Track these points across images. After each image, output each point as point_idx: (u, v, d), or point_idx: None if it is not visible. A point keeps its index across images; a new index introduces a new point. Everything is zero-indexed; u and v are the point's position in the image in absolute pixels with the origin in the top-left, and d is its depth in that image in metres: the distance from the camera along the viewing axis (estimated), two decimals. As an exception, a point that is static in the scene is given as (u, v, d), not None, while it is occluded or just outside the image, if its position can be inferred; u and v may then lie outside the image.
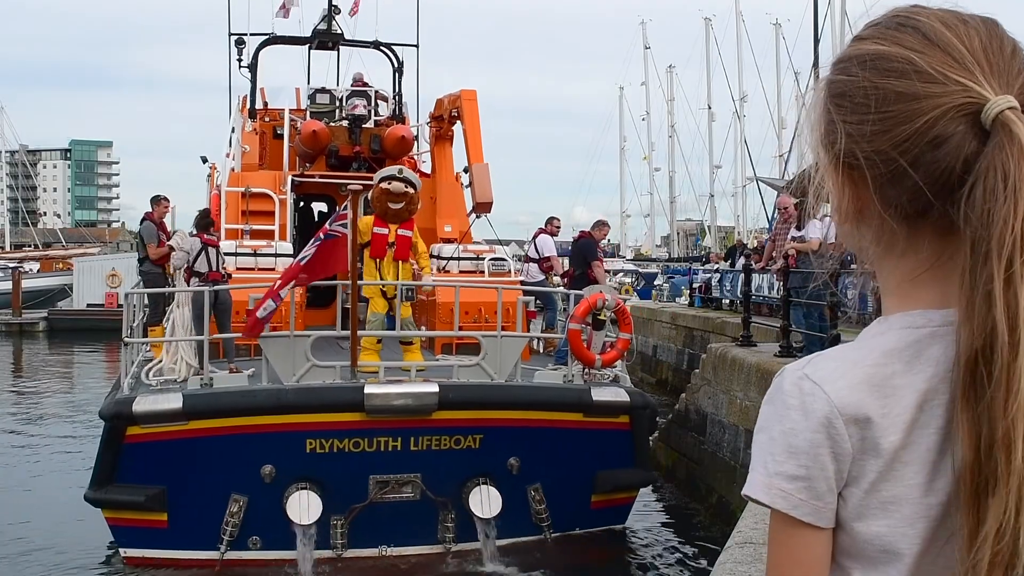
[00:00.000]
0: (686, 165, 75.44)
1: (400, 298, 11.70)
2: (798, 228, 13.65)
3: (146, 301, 13.83)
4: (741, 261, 20.91)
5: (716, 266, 29.44)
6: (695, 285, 27.72)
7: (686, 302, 28.82)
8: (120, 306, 13.14)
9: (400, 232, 12.30)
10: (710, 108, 71.66)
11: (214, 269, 12.68)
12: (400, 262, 12.37)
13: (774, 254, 15.53)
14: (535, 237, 17.58)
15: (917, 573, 1.25)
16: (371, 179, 12.96)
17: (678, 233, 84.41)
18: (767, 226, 43.07)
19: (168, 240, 14.09)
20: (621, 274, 60.21)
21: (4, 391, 26.63)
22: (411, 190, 12.34)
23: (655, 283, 49.98)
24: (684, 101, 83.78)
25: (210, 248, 12.80)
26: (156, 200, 15.55)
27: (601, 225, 16.61)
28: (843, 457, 1.25)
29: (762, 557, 4.43)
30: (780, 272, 13.81)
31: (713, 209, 72.44)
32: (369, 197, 12.55)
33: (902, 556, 1.25)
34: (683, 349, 23.20)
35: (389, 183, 12.23)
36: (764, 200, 47.43)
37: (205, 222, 13.46)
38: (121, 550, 10.67)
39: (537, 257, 17.11)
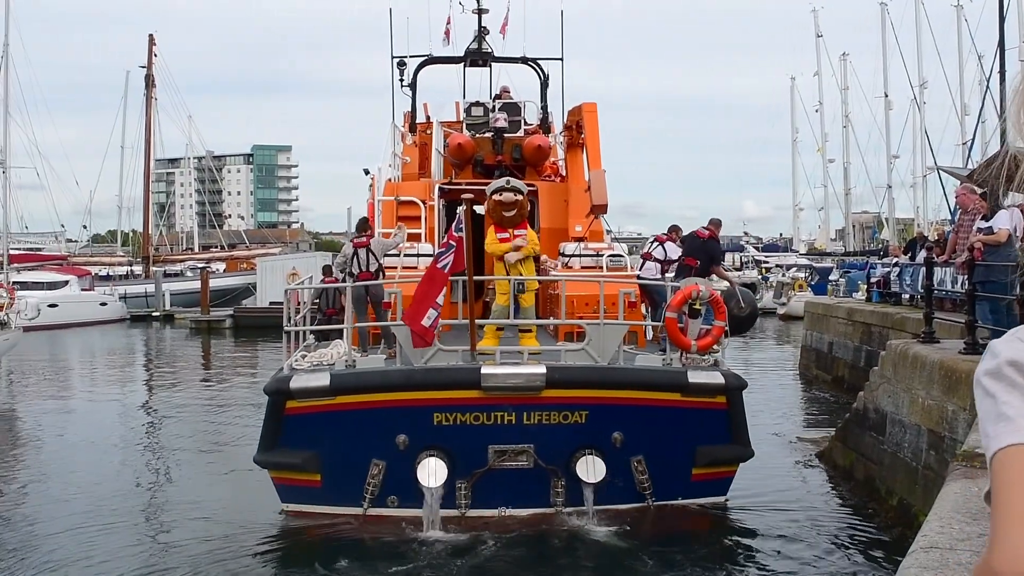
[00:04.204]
0: (862, 156, 72.55)
1: (512, 291, 13.28)
2: (985, 219, 13.33)
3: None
4: (922, 254, 20.45)
5: (895, 260, 27.82)
6: (873, 280, 27.09)
7: (863, 297, 28.01)
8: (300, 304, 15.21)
9: (517, 234, 13.73)
10: (887, 96, 68.81)
11: (363, 269, 14.65)
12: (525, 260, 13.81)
13: (958, 246, 15.39)
14: (662, 243, 19.16)
15: None
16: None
17: (854, 226, 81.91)
18: (949, 217, 41.62)
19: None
20: (794, 269, 59.77)
21: (196, 377, 29.77)
22: (519, 197, 13.72)
23: (830, 278, 48.60)
24: (858, 89, 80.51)
25: (360, 251, 14.78)
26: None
27: (719, 224, 17.84)
28: None
29: (948, 563, 4.64)
30: (964, 265, 13.39)
31: (891, 201, 69.66)
32: (484, 209, 14.08)
33: None
34: (860, 346, 22.80)
35: (500, 195, 13.67)
36: (946, 191, 45.68)
37: (362, 228, 15.58)
38: (283, 504, 12.55)
39: (663, 258, 18.72)
